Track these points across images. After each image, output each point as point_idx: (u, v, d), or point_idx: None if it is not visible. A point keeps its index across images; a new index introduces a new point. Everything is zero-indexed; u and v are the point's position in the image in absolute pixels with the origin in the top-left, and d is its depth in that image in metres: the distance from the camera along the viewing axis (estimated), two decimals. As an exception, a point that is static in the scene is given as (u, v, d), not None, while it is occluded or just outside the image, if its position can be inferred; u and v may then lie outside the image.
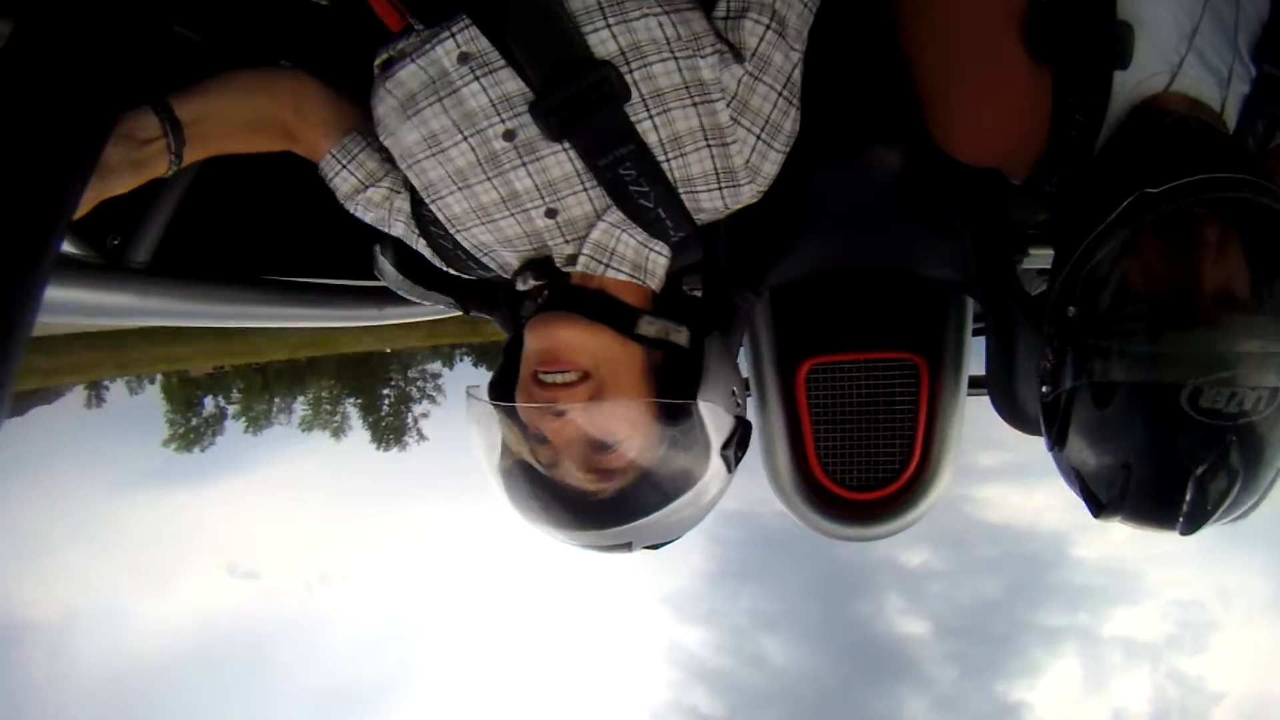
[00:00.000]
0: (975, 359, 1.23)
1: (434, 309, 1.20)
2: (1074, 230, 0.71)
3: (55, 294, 0.84)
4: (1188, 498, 0.64)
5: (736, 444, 0.78)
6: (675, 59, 0.67)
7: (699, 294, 0.96)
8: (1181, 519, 0.65)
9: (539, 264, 0.81)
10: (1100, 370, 0.65)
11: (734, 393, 0.79)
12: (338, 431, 26.21)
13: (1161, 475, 0.65)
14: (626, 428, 0.72)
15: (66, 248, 0.90)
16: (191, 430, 24.63)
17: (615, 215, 0.75)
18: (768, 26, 0.68)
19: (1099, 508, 0.71)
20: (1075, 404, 0.69)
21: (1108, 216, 0.65)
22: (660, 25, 0.66)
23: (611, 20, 0.66)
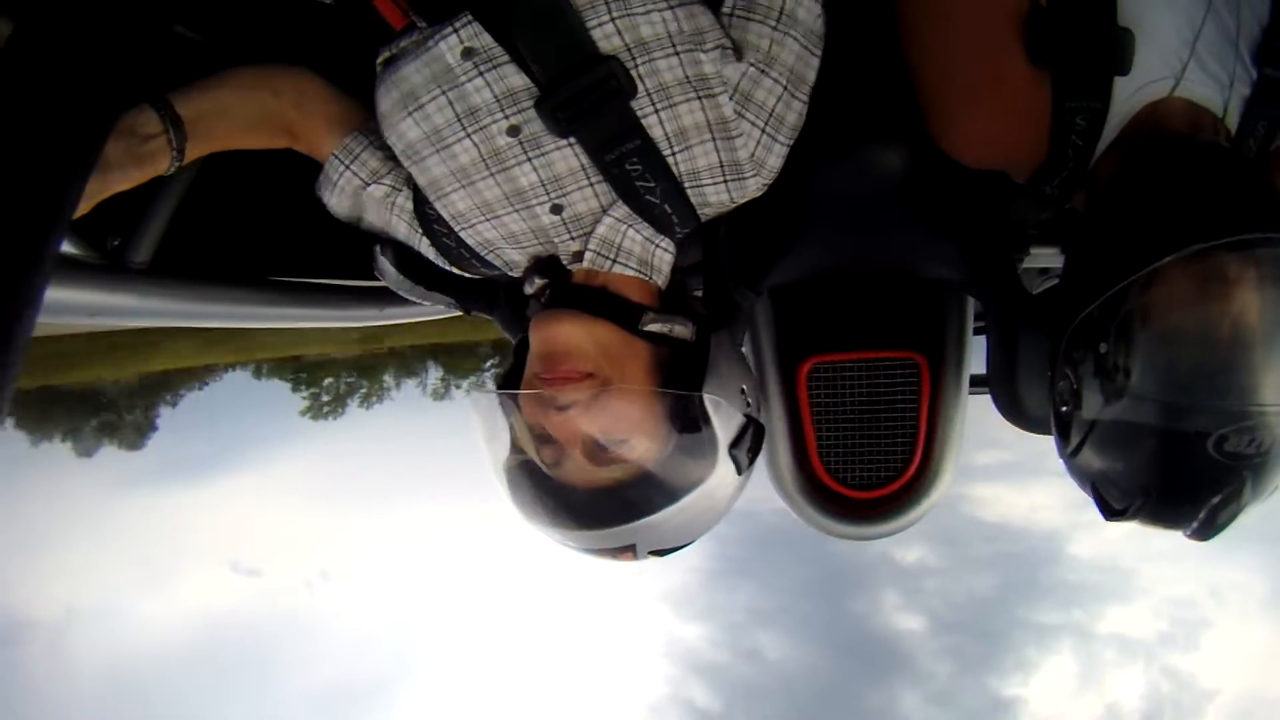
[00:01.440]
0: (977, 358, 1.23)
1: (434, 309, 1.20)
2: (1096, 257, 0.72)
3: (55, 294, 0.83)
4: (1200, 517, 0.67)
5: (748, 445, 0.77)
6: (678, 54, 0.67)
7: (699, 294, 0.96)
8: (1191, 534, 0.69)
9: (544, 264, 0.80)
10: (1129, 411, 0.67)
11: (743, 391, 0.78)
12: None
13: (1178, 501, 0.69)
14: (629, 422, 0.71)
15: (67, 248, 0.89)
16: (325, 404, 28.22)
17: (621, 210, 0.75)
18: (775, 26, 0.68)
19: (1111, 513, 0.73)
20: (1096, 430, 0.71)
21: (1140, 259, 0.65)
22: (664, 20, 0.66)
23: (615, 14, 0.66)
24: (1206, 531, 0.68)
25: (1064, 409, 0.74)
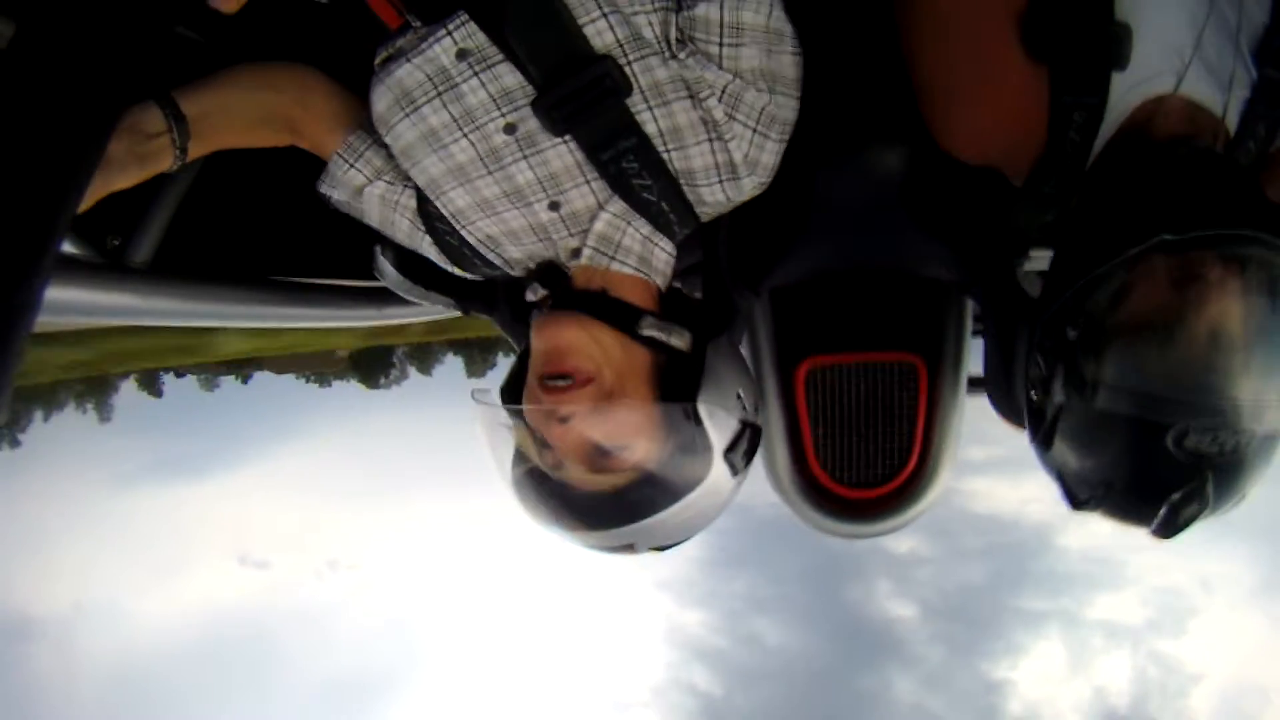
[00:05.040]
0: (976, 360, 1.23)
1: (433, 309, 1.20)
2: (1077, 247, 0.71)
3: (56, 294, 0.83)
4: (1161, 514, 0.67)
5: (743, 448, 0.78)
6: (662, 55, 0.68)
7: (699, 297, 0.96)
8: (1154, 531, 0.68)
9: (545, 271, 0.81)
10: (1090, 397, 0.67)
11: (739, 396, 0.79)
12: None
13: (1138, 496, 0.68)
14: (627, 432, 0.73)
15: (67, 248, 0.89)
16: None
17: (618, 205, 0.75)
18: (722, 41, 0.68)
19: (1077, 504, 0.73)
20: (1063, 417, 0.70)
21: (1117, 248, 0.65)
22: (650, 21, 0.67)
23: (608, 11, 0.66)
24: (1168, 530, 0.67)
25: (1034, 396, 0.74)
